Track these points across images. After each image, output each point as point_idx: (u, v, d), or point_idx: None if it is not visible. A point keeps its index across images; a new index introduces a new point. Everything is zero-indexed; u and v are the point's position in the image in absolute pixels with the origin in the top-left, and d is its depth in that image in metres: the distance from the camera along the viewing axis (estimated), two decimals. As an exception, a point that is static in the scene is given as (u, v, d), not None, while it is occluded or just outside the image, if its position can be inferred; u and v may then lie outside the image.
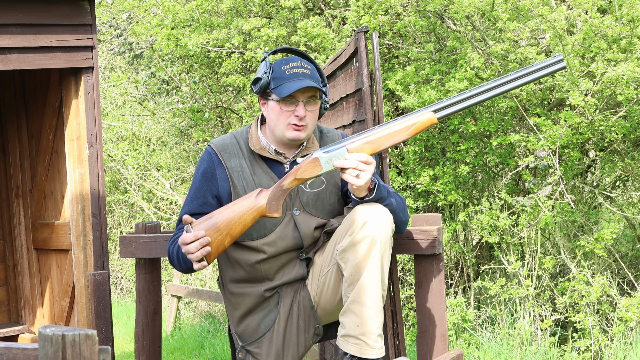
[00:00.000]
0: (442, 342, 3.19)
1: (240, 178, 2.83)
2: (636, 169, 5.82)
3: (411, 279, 6.59)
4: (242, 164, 2.84)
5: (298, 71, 2.76)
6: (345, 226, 2.69)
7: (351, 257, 2.63)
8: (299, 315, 2.88)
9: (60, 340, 1.84)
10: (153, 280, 3.81)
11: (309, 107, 2.77)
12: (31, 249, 5.50)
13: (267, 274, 2.86)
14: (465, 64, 5.62)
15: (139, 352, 3.83)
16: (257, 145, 2.84)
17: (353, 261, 2.62)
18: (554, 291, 5.93)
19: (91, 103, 4.62)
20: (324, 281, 2.83)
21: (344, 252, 2.65)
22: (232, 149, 2.87)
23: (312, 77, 2.77)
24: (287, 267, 2.86)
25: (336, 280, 2.78)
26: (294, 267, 2.86)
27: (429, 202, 6.25)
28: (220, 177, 2.85)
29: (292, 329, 2.87)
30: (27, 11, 4.39)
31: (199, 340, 7.24)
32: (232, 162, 2.84)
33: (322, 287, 2.84)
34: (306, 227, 2.84)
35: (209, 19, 7.44)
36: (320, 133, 2.94)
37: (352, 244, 2.62)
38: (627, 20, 5.20)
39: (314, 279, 2.87)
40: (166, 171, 10.11)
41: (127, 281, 10.10)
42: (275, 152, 2.84)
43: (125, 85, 10.65)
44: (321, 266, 2.85)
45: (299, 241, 2.84)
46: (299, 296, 2.88)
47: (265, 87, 2.79)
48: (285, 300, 2.86)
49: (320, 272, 2.85)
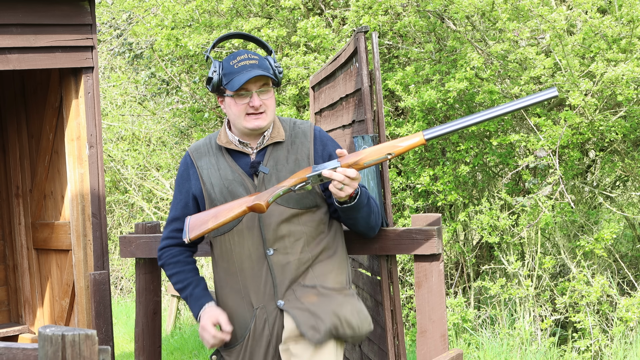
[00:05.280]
0: (442, 342, 3.19)
1: (208, 174, 2.91)
2: (636, 169, 5.82)
3: (411, 279, 6.59)
4: (210, 161, 2.92)
5: (246, 63, 2.82)
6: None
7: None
8: (268, 345, 2.85)
9: (60, 340, 1.84)
10: (153, 280, 3.81)
11: (263, 96, 2.84)
12: (31, 249, 5.50)
13: (239, 270, 2.87)
14: (465, 64, 5.62)
15: (139, 352, 3.82)
16: (224, 140, 2.92)
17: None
18: (554, 291, 5.93)
19: (91, 103, 4.62)
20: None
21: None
22: (204, 149, 2.97)
23: (260, 67, 2.83)
24: (256, 265, 2.84)
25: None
26: (263, 266, 2.84)
27: (429, 202, 6.25)
28: (192, 177, 2.95)
29: (259, 354, 2.86)
30: (27, 11, 4.39)
31: (199, 340, 7.23)
32: (202, 161, 2.94)
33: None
34: (269, 217, 2.84)
35: (209, 19, 7.44)
36: (293, 125, 2.98)
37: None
38: (627, 20, 5.20)
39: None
40: (166, 171, 10.11)
41: (127, 281, 10.10)
42: (240, 143, 2.90)
43: (125, 85, 10.65)
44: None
45: (259, 234, 2.84)
46: (272, 325, 2.85)
47: (218, 85, 2.86)
48: (257, 321, 2.86)
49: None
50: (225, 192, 2.87)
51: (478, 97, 5.74)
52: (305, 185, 2.73)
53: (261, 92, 2.83)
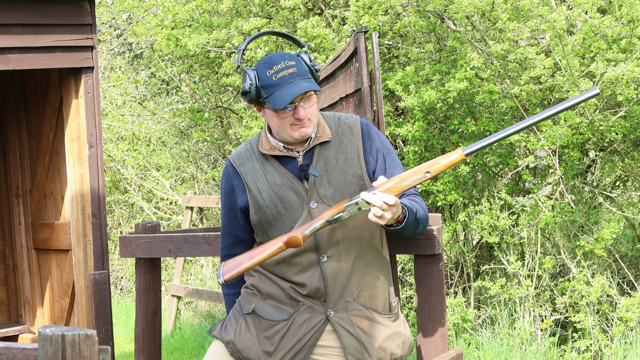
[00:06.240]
0: (442, 342, 3.20)
1: (254, 180, 2.77)
2: (636, 169, 5.82)
3: (411, 279, 6.60)
4: (255, 166, 2.78)
5: (285, 74, 2.65)
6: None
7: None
8: (298, 343, 2.76)
9: (60, 340, 1.84)
10: (153, 280, 3.81)
11: (306, 105, 2.69)
12: (31, 249, 5.50)
13: (287, 275, 2.77)
14: (465, 64, 5.63)
15: (139, 352, 3.83)
16: (267, 146, 2.78)
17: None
18: (554, 291, 5.93)
19: (91, 103, 4.62)
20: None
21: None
22: (246, 155, 2.82)
23: (300, 75, 2.67)
24: (307, 271, 2.73)
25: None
26: (315, 273, 2.73)
27: (429, 202, 6.25)
28: (237, 188, 2.81)
29: (286, 347, 2.77)
30: (27, 11, 4.39)
31: (199, 340, 7.24)
32: (246, 167, 2.79)
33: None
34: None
35: (209, 19, 7.44)
36: (339, 120, 2.84)
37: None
38: (627, 20, 5.20)
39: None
40: (166, 171, 10.11)
41: (127, 281, 10.10)
42: (285, 148, 2.76)
43: (125, 85, 10.65)
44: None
45: (313, 239, 2.72)
46: (313, 328, 2.76)
47: (256, 97, 2.70)
48: (298, 317, 2.76)
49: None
50: (274, 198, 2.73)
51: (478, 97, 5.74)
52: (342, 215, 2.62)
53: (304, 101, 2.68)
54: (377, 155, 2.79)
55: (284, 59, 2.68)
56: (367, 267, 2.77)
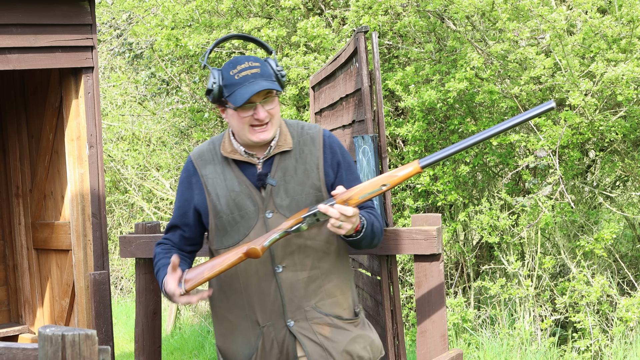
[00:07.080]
0: (442, 342, 3.20)
1: (214, 184, 2.76)
2: (636, 169, 5.82)
3: (411, 279, 6.59)
4: (216, 169, 2.77)
5: (247, 73, 2.64)
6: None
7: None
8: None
9: (60, 340, 1.84)
10: (153, 280, 3.81)
11: (268, 106, 2.67)
12: (31, 249, 5.50)
13: (243, 286, 2.76)
14: (465, 64, 5.63)
15: (139, 352, 3.83)
16: (228, 149, 2.77)
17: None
18: (554, 291, 5.93)
19: (91, 103, 4.62)
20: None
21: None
22: (208, 155, 2.81)
23: (262, 75, 2.65)
24: (263, 282, 2.73)
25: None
26: (271, 284, 2.72)
27: (429, 202, 6.25)
28: (195, 186, 2.79)
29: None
30: (27, 11, 4.39)
31: (199, 340, 7.24)
32: (207, 169, 2.78)
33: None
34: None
35: (209, 19, 7.44)
36: (301, 129, 2.82)
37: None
38: (627, 20, 5.21)
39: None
40: (166, 171, 10.11)
41: (127, 281, 10.10)
42: (246, 154, 2.75)
43: (125, 85, 10.65)
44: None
45: (268, 250, 2.70)
46: (282, 344, 2.75)
47: (218, 97, 2.69)
48: (266, 341, 2.75)
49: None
50: (231, 204, 2.71)
51: (478, 97, 5.74)
52: (301, 226, 2.61)
53: (265, 102, 2.66)
54: (338, 169, 2.78)
55: (248, 60, 2.68)
56: (325, 276, 2.76)
